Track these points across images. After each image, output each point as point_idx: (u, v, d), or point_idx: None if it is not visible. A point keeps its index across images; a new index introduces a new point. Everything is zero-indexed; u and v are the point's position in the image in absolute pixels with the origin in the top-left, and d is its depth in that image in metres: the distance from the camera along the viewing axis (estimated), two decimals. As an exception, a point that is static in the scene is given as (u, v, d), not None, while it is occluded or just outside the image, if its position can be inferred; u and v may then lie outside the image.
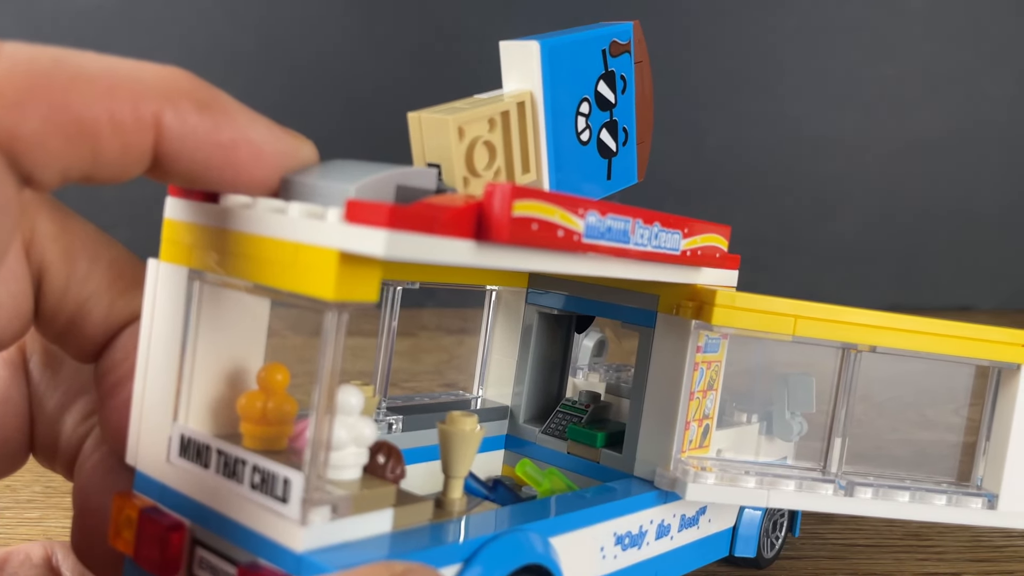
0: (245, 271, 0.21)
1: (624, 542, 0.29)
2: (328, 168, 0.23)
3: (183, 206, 0.23)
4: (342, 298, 0.20)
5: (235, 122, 0.21)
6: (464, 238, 0.20)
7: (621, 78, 0.32)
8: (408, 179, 0.23)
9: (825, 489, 0.31)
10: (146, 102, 0.20)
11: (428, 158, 0.26)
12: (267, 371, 0.24)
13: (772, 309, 0.30)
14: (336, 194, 0.21)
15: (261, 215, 0.21)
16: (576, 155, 0.30)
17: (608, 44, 0.31)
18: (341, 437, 0.22)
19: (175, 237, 0.23)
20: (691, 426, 0.31)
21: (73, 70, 0.19)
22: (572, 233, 0.22)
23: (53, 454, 0.27)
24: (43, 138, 0.19)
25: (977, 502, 0.33)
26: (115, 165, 0.20)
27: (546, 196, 0.22)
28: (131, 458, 0.24)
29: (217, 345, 0.24)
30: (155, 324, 0.24)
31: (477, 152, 0.26)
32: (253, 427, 0.23)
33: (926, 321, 0.31)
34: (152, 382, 0.24)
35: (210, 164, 0.21)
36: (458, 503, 0.25)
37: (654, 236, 0.26)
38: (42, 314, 0.24)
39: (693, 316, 0.30)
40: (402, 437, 0.32)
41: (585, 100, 0.30)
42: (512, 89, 0.28)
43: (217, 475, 0.22)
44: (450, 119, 0.25)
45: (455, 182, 0.25)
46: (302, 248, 0.20)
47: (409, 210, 0.19)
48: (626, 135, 0.33)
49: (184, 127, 0.20)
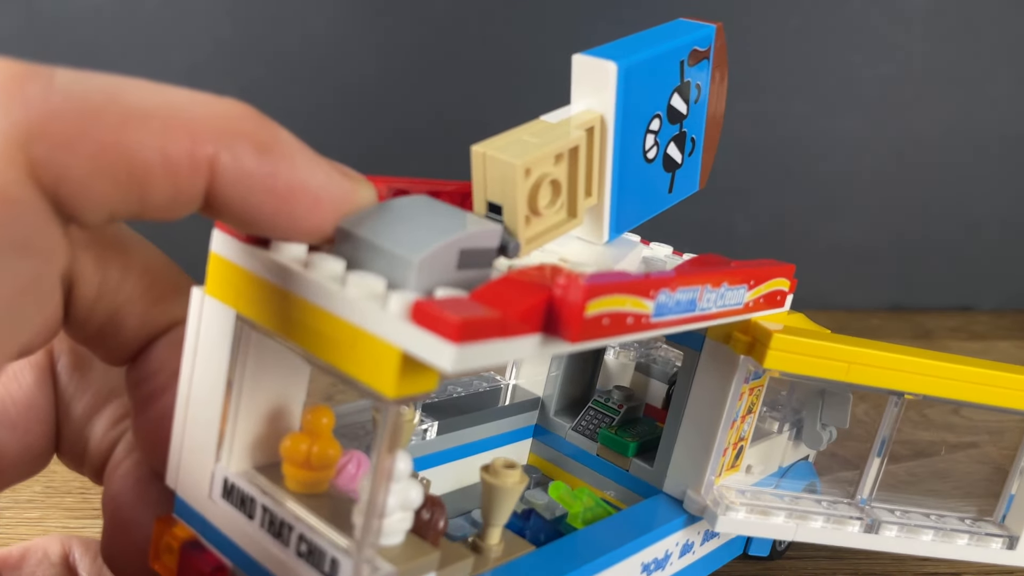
0: (298, 337, 0.21)
1: (649, 568, 0.29)
2: (387, 219, 0.21)
3: (231, 245, 0.22)
4: (402, 394, 0.19)
5: (294, 168, 0.20)
6: (532, 334, 0.19)
7: (696, 87, 0.29)
8: (471, 241, 0.21)
9: (852, 527, 0.31)
10: (202, 144, 0.18)
11: (489, 196, 0.24)
12: (313, 415, 0.23)
13: (826, 355, 0.29)
14: (397, 263, 0.20)
15: (319, 282, 0.20)
16: (641, 173, 0.28)
17: (687, 54, 0.28)
18: (390, 505, 0.21)
19: (222, 274, 0.22)
20: (727, 451, 0.31)
21: (126, 107, 0.18)
22: (641, 317, 0.21)
23: (81, 458, 0.27)
24: (91, 181, 0.17)
25: (998, 543, 0.33)
26: (165, 207, 0.19)
27: (619, 287, 0.20)
28: (171, 482, 0.24)
29: (261, 386, 0.23)
30: (198, 356, 0.23)
31: (542, 191, 0.24)
32: (296, 471, 0.23)
33: (977, 371, 0.30)
34: (193, 413, 0.23)
35: (264, 211, 0.20)
36: (495, 549, 0.25)
37: (720, 297, 0.25)
38: (72, 321, 0.23)
39: (744, 352, 0.29)
40: (436, 441, 0.32)
41: (657, 116, 0.28)
42: (581, 110, 0.26)
43: (261, 530, 0.22)
44: (518, 164, 0.23)
45: (517, 222, 0.24)
46: (362, 335, 0.19)
47: (478, 320, 0.18)
48: (693, 145, 0.31)
49: (240, 171, 0.19)
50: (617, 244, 0.29)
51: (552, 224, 0.25)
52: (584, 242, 0.28)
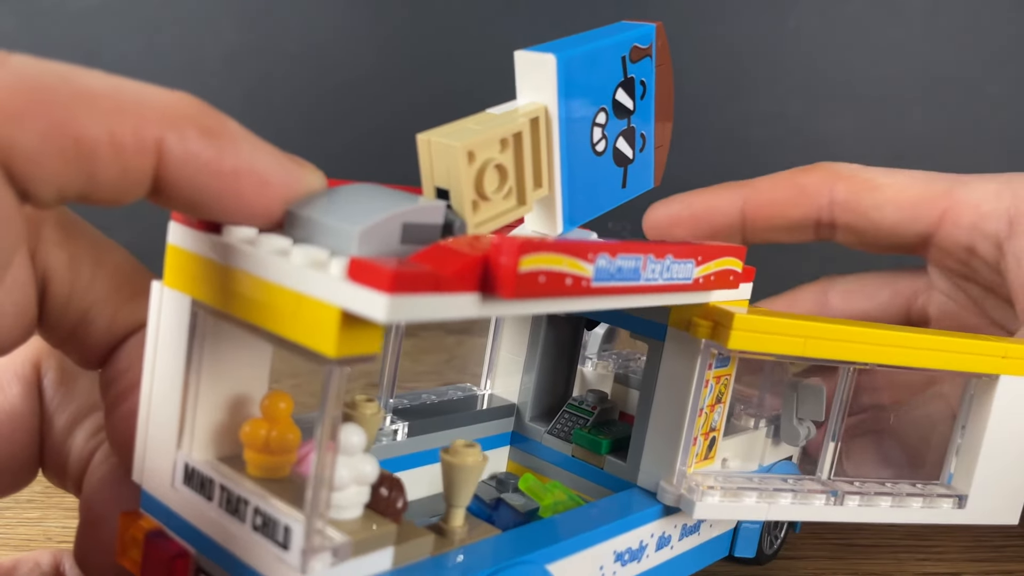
0: (247, 312, 0.21)
1: (624, 558, 0.29)
2: (334, 200, 0.22)
3: (186, 234, 0.23)
4: (344, 354, 0.19)
5: (239, 150, 0.21)
6: (468, 292, 0.20)
7: (641, 83, 0.31)
8: (415, 216, 0.22)
9: (818, 500, 0.32)
10: (149, 125, 0.19)
11: (436, 181, 0.25)
12: (270, 399, 0.24)
13: (784, 331, 0.29)
14: (341, 236, 0.21)
15: (264, 256, 0.21)
16: (591, 166, 0.29)
17: (628, 50, 0.30)
18: (343, 477, 0.22)
19: (178, 264, 0.23)
20: (697, 440, 0.31)
21: (77, 88, 0.19)
22: (580, 279, 0.22)
23: (63, 471, 0.27)
24: (40, 155, 0.18)
25: (948, 502, 0.33)
26: (113, 187, 0.20)
27: (553, 246, 0.21)
28: (137, 476, 0.25)
29: (221, 373, 0.24)
30: (159, 348, 0.24)
31: (488, 176, 0.25)
32: (256, 456, 0.23)
33: (922, 337, 0.31)
34: (156, 405, 0.24)
35: (212, 192, 0.21)
36: (459, 531, 0.25)
37: (666, 269, 0.25)
38: (46, 320, 0.24)
39: (706, 336, 0.29)
40: (407, 443, 0.32)
41: (602, 110, 0.29)
42: (526, 102, 0.27)
43: (220, 509, 0.22)
44: (459, 146, 0.24)
45: (464, 207, 0.25)
46: (304, 299, 0.20)
47: (411, 273, 0.18)
48: (644, 141, 0.32)
49: (186, 153, 0.20)
50: (572, 236, 0.29)
51: (501, 210, 0.26)
52: (538, 234, 0.29)
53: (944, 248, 0.40)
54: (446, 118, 0.25)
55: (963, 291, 0.43)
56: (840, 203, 0.41)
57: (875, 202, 0.40)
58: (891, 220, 0.40)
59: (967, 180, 0.40)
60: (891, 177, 0.41)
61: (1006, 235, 0.38)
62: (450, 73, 0.64)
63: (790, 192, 0.41)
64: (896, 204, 0.40)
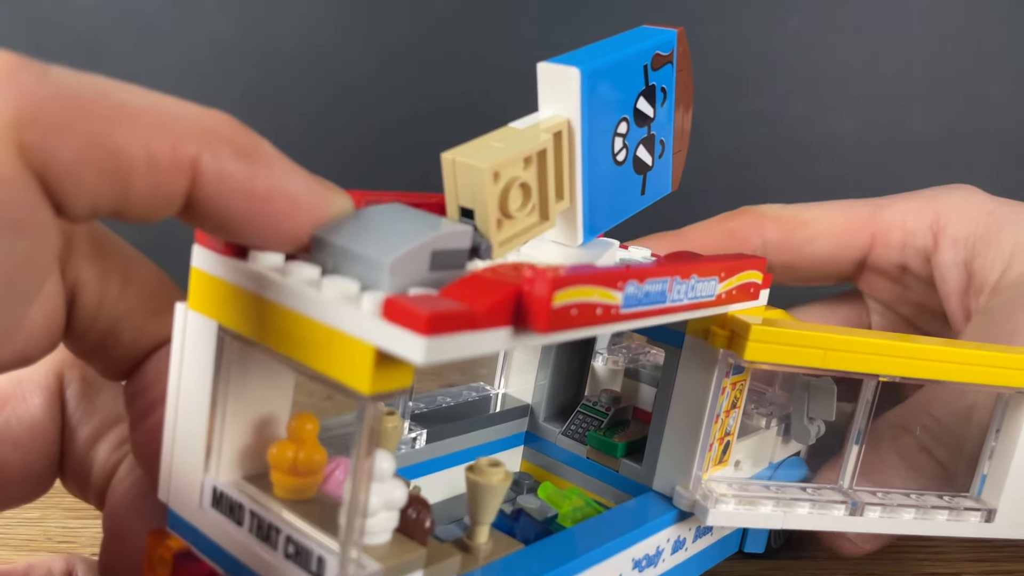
0: (277, 343, 0.21)
1: (641, 565, 0.30)
2: (361, 226, 0.22)
3: (211, 259, 0.23)
4: (378, 390, 0.19)
5: (273, 173, 0.21)
6: (502, 327, 0.20)
7: (662, 91, 0.30)
8: (443, 243, 0.22)
9: (837, 510, 0.32)
10: (185, 143, 0.19)
11: (461, 200, 0.25)
12: (297, 421, 0.24)
13: (802, 343, 0.29)
14: (371, 266, 0.21)
15: (294, 287, 0.21)
16: (611, 176, 0.29)
17: (651, 59, 0.29)
18: (374, 504, 0.22)
19: (203, 288, 0.23)
20: (713, 446, 0.32)
21: (115, 103, 0.19)
22: (610, 308, 0.22)
23: (86, 484, 0.28)
24: (77, 170, 0.18)
25: (976, 516, 0.33)
26: (146, 204, 0.19)
27: (586, 278, 0.21)
28: (163, 495, 0.25)
29: (247, 395, 0.24)
30: (184, 369, 0.24)
31: (512, 194, 0.25)
32: (283, 477, 0.23)
33: (948, 350, 0.31)
34: (182, 427, 0.24)
35: (243, 214, 0.20)
36: (483, 548, 0.25)
37: (691, 288, 0.25)
38: (73, 332, 0.24)
39: (723, 346, 0.29)
40: (425, 450, 0.32)
41: (624, 120, 0.29)
42: (549, 115, 0.27)
43: (250, 534, 0.22)
44: (484, 167, 0.24)
45: (489, 226, 0.24)
46: (336, 335, 0.20)
47: (447, 313, 0.18)
48: (663, 148, 0.31)
49: (221, 173, 0.20)
50: (592, 246, 0.29)
51: (524, 227, 0.26)
52: (559, 245, 0.29)
53: (878, 269, 0.42)
54: (446, 117, 0.25)
55: (896, 312, 0.45)
56: (772, 243, 0.42)
57: (806, 237, 0.42)
58: (824, 251, 0.42)
59: (888, 202, 0.42)
60: (815, 211, 0.43)
61: (932, 249, 0.41)
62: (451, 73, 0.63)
63: (721, 239, 0.43)
64: (826, 236, 0.42)
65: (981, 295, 0.39)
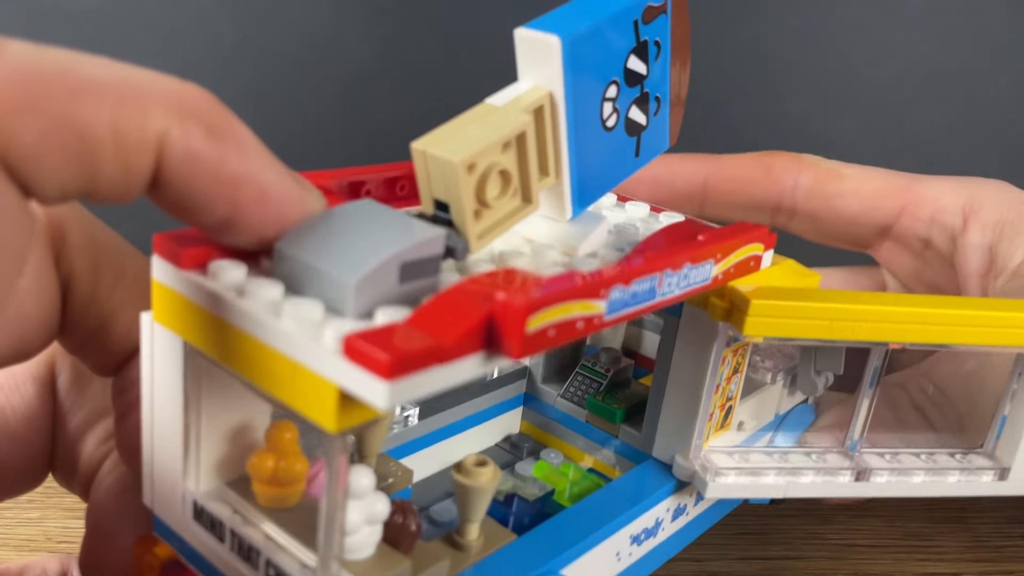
0: (242, 368, 0.20)
1: (640, 539, 0.29)
2: (326, 233, 0.21)
3: (170, 272, 0.21)
4: (344, 427, 0.18)
5: (245, 158, 0.19)
6: (473, 354, 0.19)
7: (655, 44, 0.28)
8: (413, 253, 0.21)
9: (843, 476, 0.31)
10: (153, 118, 0.18)
11: (435, 193, 0.23)
12: (276, 431, 0.23)
13: (806, 315, 0.28)
14: (335, 286, 0.20)
15: (254, 314, 0.19)
16: (600, 143, 0.27)
17: (641, 12, 0.27)
18: (354, 521, 0.21)
19: (166, 302, 0.22)
20: (714, 414, 0.31)
21: (78, 79, 0.17)
22: (593, 318, 0.21)
23: (72, 474, 0.27)
24: (40, 152, 0.17)
25: (989, 475, 0.33)
26: (116, 184, 0.18)
27: (563, 294, 0.19)
28: (147, 501, 0.25)
29: (222, 404, 0.23)
30: (155, 381, 0.23)
31: (490, 182, 0.23)
32: (264, 488, 0.23)
33: (960, 313, 0.29)
34: (159, 437, 0.23)
35: (206, 197, 0.19)
36: (474, 544, 0.25)
37: (683, 278, 0.24)
38: (65, 325, 0.24)
39: (722, 318, 0.28)
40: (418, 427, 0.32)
41: (613, 83, 0.27)
42: (528, 87, 0.25)
43: (232, 553, 0.22)
44: (457, 161, 0.22)
45: (465, 219, 0.23)
46: (299, 369, 0.19)
47: (411, 352, 0.17)
48: (658, 104, 0.29)
49: (188, 151, 0.18)
50: (583, 219, 0.28)
51: (505, 213, 0.24)
52: (548, 219, 0.27)
53: (903, 240, 0.42)
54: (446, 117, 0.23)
55: (910, 291, 0.44)
56: (804, 189, 0.42)
57: (838, 190, 0.41)
58: (852, 210, 0.42)
59: (925, 178, 0.42)
60: (853, 170, 0.42)
61: (960, 230, 0.40)
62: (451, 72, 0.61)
63: (756, 171, 0.42)
64: (858, 194, 0.41)
65: (1000, 278, 0.39)
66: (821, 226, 0.42)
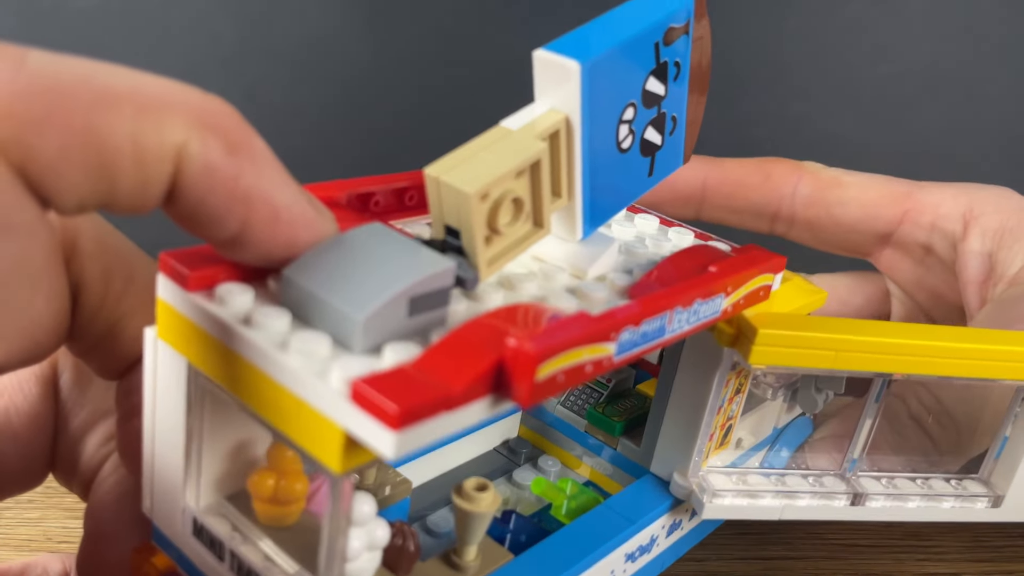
0: (247, 398, 0.20)
1: (635, 556, 0.30)
2: (335, 261, 0.20)
3: (177, 294, 0.21)
4: (349, 468, 0.18)
5: (260, 176, 0.19)
6: (481, 399, 0.19)
7: (675, 64, 0.27)
8: (422, 287, 0.20)
9: (839, 501, 0.31)
10: (173, 131, 0.18)
11: (446, 219, 0.23)
12: (277, 450, 0.23)
13: (812, 345, 0.28)
14: (343, 321, 0.19)
15: (261, 346, 0.19)
16: (614, 165, 0.27)
17: (663, 35, 0.26)
18: (355, 548, 0.21)
19: (171, 322, 0.22)
20: (714, 435, 0.31)
21: (98, 90, 0.17)
22: (602, 360, 0.20)
23: (72, 473, 0.27)
24: (59, 165, 0.17)
25: (983, 502, 0.33)
26: (136, 196, 0.18)
27: (575, 339, 0.19)
28: (147, 509, 0.25)
29: (224, 422, 0.23)
30: (157, 398, 0.23)
31: (502, 210, 0.23)
32: (264, 506, 0.23)
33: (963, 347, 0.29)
34: (160, 451, 0.23)
35: (218, 213, 0.19)
36: (472, 566, 0.25)
37: (693, 314, 0.24)
38: (73, 330, 0.24)
39: (729, 344, 0.28)
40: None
41: (631, 105, 0.26)
42: (545, 110, 0.24)
43: (231, 573, 0.22)
44: (470, 192, 0.21)
45: (475, 246, 0.23)
46: (304, 407, 0.18)
47: (419, 403, 0.17)
48: (674, 124, 0.29)
49: (205, 165, 0.18)
50: (593, 240, 0.27)
51: (516, 239, 0.24)
52: (558, 239, 0.27)
53: (903, 246, 0.42)
54: (447, 116, 0.23)
55: (914, 299, 0.44)
56: (803, 197, 0.41)
57: (839, 198, 0.41)
58: (852, 217, 0.41)
59: (926, 185, 0.42)
60: (854, 177, 0.42)
61: (960, 236, 0.40)
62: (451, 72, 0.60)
63: (755, 176, 0.42)
64: (859, 202, 0.41)
65: (999, 285, 0.38)
66: (820, 234, 0.42)
